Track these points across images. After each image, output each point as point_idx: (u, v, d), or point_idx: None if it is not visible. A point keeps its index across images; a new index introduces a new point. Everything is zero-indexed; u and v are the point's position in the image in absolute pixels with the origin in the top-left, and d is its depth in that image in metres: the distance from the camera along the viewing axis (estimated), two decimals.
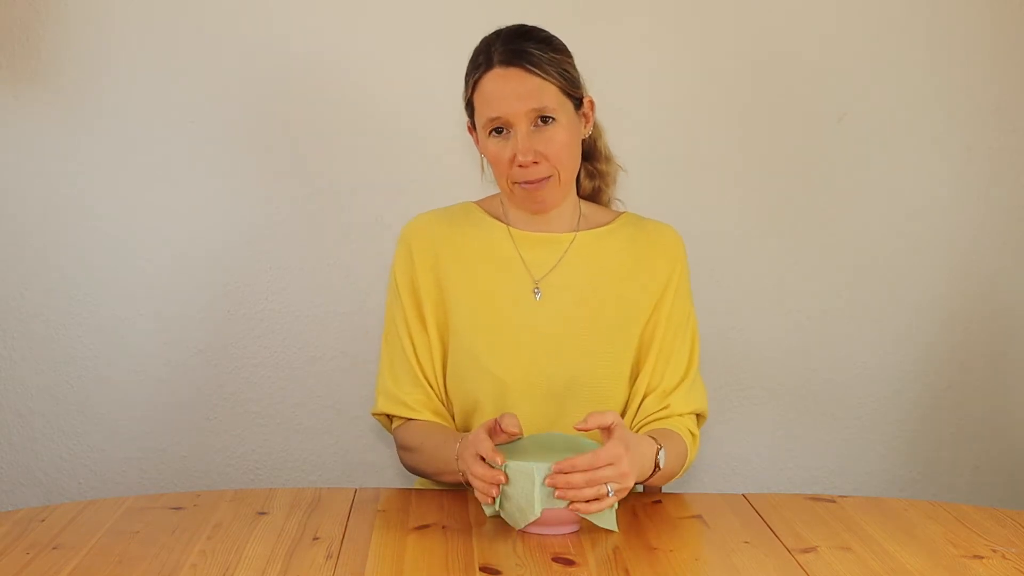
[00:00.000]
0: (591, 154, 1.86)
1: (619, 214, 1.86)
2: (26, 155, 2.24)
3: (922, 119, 2.34)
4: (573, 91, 1.73)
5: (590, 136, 1.82)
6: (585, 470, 1.47)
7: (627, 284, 1.79)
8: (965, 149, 2.36)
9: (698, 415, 1.84)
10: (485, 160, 1.81)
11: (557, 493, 1.47)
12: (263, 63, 2.25)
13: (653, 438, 1.64)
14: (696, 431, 1.81)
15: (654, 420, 1.78)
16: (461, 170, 2.23)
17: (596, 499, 1.48)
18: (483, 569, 1.40)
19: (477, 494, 1.52)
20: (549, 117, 1.69)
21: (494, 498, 1.50)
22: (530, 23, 1.78)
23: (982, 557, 1.48)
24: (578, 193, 1.86)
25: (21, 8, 2.20)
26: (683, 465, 1.76)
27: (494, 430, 1.55)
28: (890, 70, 2.33)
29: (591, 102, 1.78)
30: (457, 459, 1.61)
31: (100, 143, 2.24)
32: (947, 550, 1.50)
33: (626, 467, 1.49)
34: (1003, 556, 1.48)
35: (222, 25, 2.24)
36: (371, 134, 2.28)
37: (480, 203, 1.86)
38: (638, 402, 1.79)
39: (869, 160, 2.35)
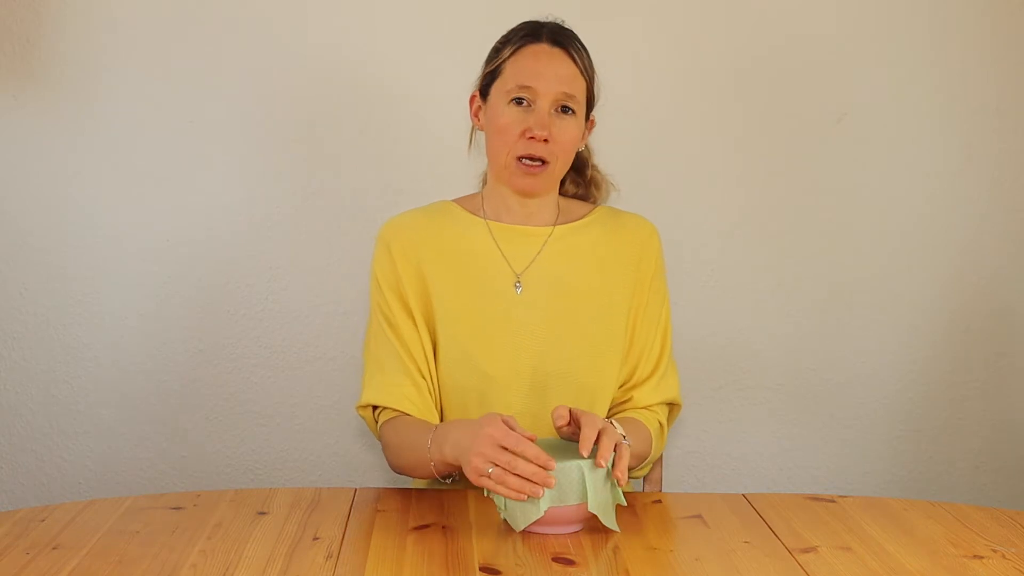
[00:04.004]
0: (580, 167, 1.90)
1: (595, 207, 1.89)
2: (26, 155, 2.24)
3: (922, 119, 2.34)
4: (591, 101, 1.79)
5: (581, 155, 1.87)
6: (601, 434, 1.50)
7: (605, 276, 1.81)
8: (965, 149, 2.36)
9: (671, 405, 1.86)
10: (477, 133, 1.84)
11: (580, 467, 1.47)
12: (264, 64, 2.25)
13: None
14: (665, 422, 1.84)
15: (616, 411, 1.82)
16: (461, 171, 2.22)
17: (625, 457, 1.50)
18: (483, 569, 1.40)
19: (510, 492, 1.45)
20: (570, 108, 1.73)
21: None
22: (529, 19, 1.80)
23: (982, 557, 1.48)
24: (562, 192, 1.89)
25: (21, 8, 2.20)
26: (649, 448, 1.78)
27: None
28: (890, 70, 2.33)
29: (593, 121, 1.83)
30: (435, 439, 1.60)
31: (100, 143, 2.24)
32: (947, 550, 1.50)
33: (611, 425, 1.54)
34: (1003, 556, 1.48)
35: (222, 26, 2.24)
36: (372, 135, 2.28)
37: (456, 201, 1.87)
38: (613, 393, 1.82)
39: (869, 160, 2.35)
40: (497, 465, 1.46)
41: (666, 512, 1.65)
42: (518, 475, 1.46)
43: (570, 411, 1.55)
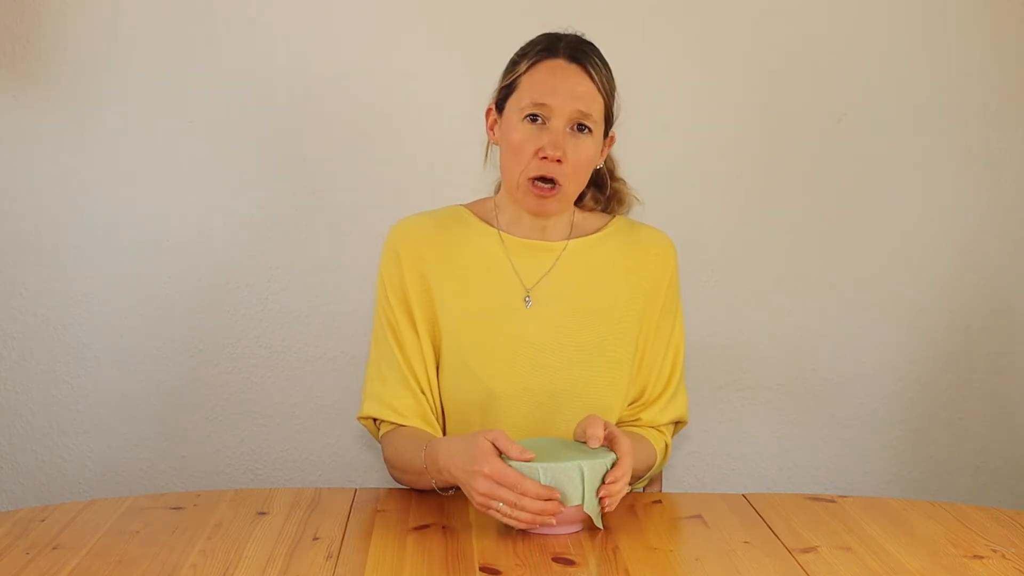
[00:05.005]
0: (601, 181, 1.85)
1: (611, 219, 1.83)
2: (26, 155, 2.24)
3: (922, 119, 2.35)
4: (609, 118, 1.74)
5: (601, 171, 1.82)
6: (620, 477, 1.50)
7: (618, 292, 1.77)
8: (965, 149, 2.36)
9: (677, 422, 1.84)
10: (492, 148, 1.80)
11: (606, 502, 1.49)
12: (264, 64, 2.25)
13: None
14: (670, 442, 1.82)
15: (624, 428, 1.78)
16: (461, 172, 2.23)
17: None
18: (483, 569, 1.40)
19: (523, 525, 1.48)
20: (586, 127, 1.69)
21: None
22: (533, 26, 1.78)
23: (982, 557, 1.48)
24: (580, 206, 1.84)
25: (21, 8, 2.20)
26: (649, 467, 1.76)
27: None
28: (890, 70, 2.33)
29: (612, 137, 1.78)
30: (428, 456, 1.59)
31: (100, 143, 2.25)
32: (947, 550, 1.50)
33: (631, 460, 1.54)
34: (1003, 556, 1.48)
35: (222, 26, 2.24)
36: (372, 134, 2.28)
37: (470, 206, 1.82)
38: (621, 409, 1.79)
39: (869, 160, 2.35)
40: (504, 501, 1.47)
41: (666, 512, 1.65)
42: (531, 512, 1.46)
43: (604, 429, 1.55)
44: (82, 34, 2.21)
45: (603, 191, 1.85)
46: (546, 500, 1.46)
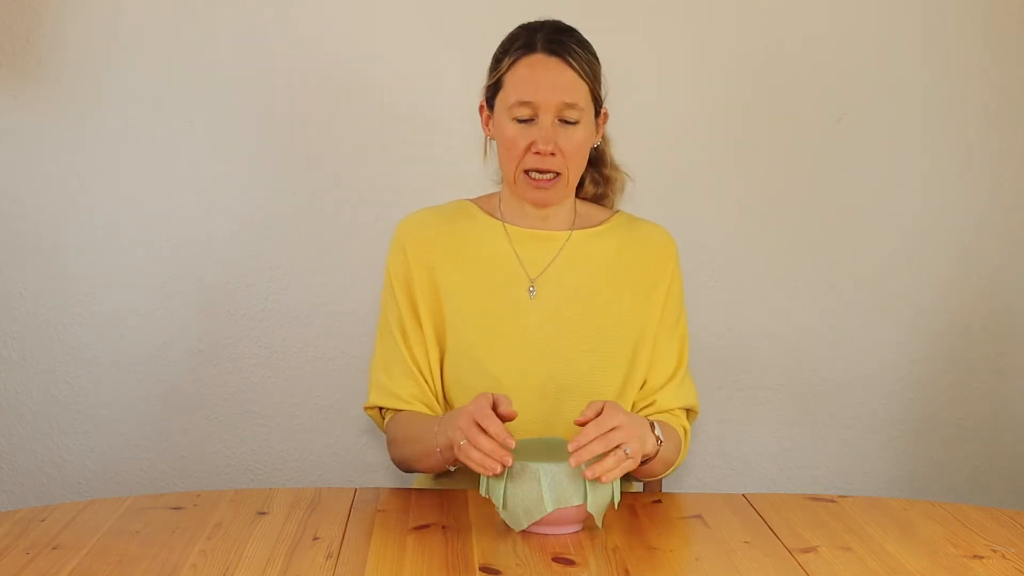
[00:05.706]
0: (598, 161, 1.87)
1: (613, 213, 1.87)
2: (25, 154, 2.24)
3: (922, 119, 2.34)
4: (597, 98, 1.76)
5: (599, 149, 1.84)
6: (596, 436, 1.48)
7: (621, 284, 1.79)
8: (965, 149, 2.36)
9: (688, 411, 1.85)
10: (490, 143, 1.82)
11: (580, 466, 1.46)
12: (264, 63, 2.25)
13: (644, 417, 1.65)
14: (688, 427, 1.83)
15: (641, 412, 1.79)
16: (463, 170, 2.22)
17: (617, 465, 1.49)
18: (483, 569, 1.40)
19: (475, 466, 1.49)
20: (574, 117, 1.70)
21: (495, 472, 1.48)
22: (527, 22, 1.78)
23: (982, 557, 1.48)
24: (581, 196, 1.87)
25: (21, 8, 2.20)
26: (678, 453, 1.77)
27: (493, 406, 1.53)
28: (890, 70, 2.33)
29: (606, 113, 1.80)
30: (441, 425, 1.60)
31: (100, 142, 2.24)
32: (947, 550, 1.50)
33: (630, 428, 1.50)
34: (1003, 556, 1.49)
35: (223, 25, 2.24)
36: (372, 134, 2.28)
37: (475, 201, 1.86)
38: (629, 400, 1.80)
39: (869, 160, 2.35)
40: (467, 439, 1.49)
41: (666, 512, 1.65)
42: (481, 450, 1.48)
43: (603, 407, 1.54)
44: (82, 34, 2.21)
45: (601, 172, 1.88)
46: (503, 448, 1.47)
